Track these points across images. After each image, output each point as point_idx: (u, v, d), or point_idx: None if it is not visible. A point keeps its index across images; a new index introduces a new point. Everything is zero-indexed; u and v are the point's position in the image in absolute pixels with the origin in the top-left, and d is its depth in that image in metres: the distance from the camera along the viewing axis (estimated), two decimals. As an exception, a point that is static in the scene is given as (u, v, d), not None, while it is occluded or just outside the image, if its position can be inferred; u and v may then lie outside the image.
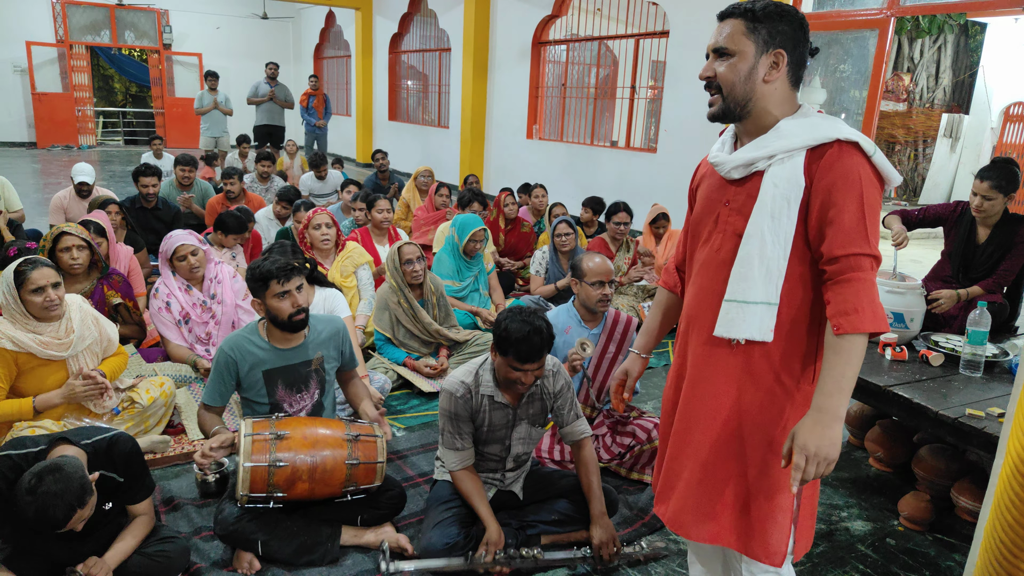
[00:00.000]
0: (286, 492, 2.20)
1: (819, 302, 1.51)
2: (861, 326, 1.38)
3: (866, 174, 1.43)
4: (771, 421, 1.54)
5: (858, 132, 1.45)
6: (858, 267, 1.41)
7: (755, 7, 1.48)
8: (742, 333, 1.50)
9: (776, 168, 1.47)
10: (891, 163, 1.47)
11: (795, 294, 1.49)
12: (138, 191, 5.29)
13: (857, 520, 2.76)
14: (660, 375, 4.18)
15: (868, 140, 1.44)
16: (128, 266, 3.95)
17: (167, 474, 2.80)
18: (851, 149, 1.43)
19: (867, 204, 1.42)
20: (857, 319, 1.39)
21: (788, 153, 1.46)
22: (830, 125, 1.45)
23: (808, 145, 1.45)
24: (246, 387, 2.47)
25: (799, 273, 1.49)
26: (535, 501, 2.50)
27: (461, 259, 4.44)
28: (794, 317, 1.50)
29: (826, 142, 1.44)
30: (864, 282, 1.40)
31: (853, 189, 1.41)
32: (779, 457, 1.54)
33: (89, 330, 2.75)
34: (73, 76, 15.00)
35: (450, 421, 2.33)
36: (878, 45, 5.43)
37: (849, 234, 1.41)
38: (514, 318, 2.22)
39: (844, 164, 1.42)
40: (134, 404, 2.84)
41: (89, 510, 1.85)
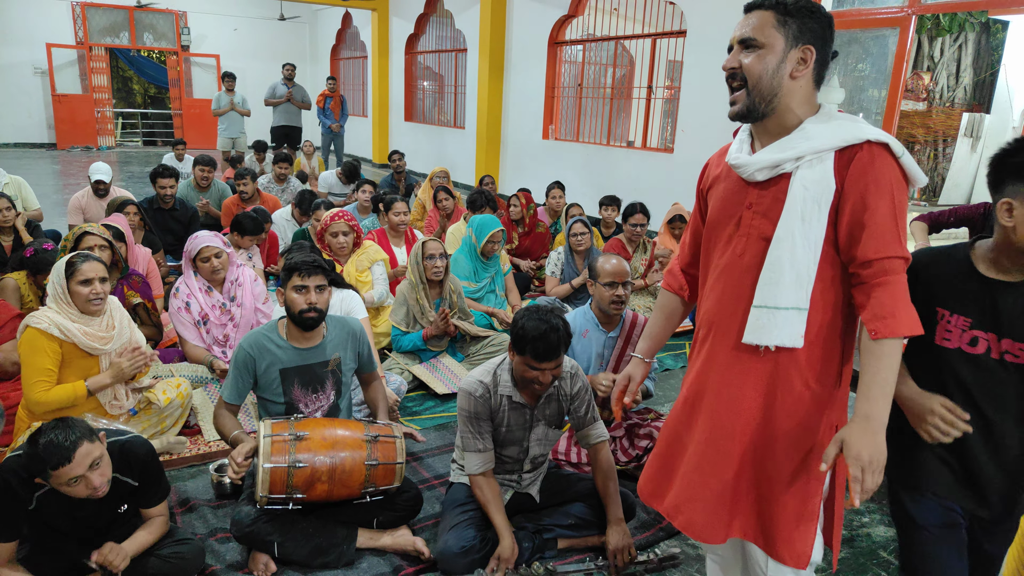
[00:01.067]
0: (305, 493, 2.20)
1: (848, 306, 1.49)
2: (899, 330, 1.37)
3: (896, 176, 1.41)
4: (805, 428, 1.52)
5: (886, 133, 1.42)
6: (892, 270, 1.39)
7: (788, 0, 1.44)
8: (773, 340, 1.46)
9: (805, 170, 1.43)
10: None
11: (825, 298, 1.47)
12: (156, 192, 5.32)
13: (879, 526, 2.72)
14: (677, 377, 4.15)
15: (896, 141, 1.42)
16: (147, 268, 3.98)
17: (183, 475, 2.81)
18: (882, 151, 1.41)
19: (898, 206, 1.40)
20: (895, 323, 1.37)
21: (817, 155, 1.43)
22: (856, 126, 1.42)
23: (837, 146, 1.42)
24: (262, 386, 2.47)
25: (829, 277, 1.46)
26: (552, 504, 2.48)
27: (478, 260, 4.43)
28: (824, 321, 1.48)
29: (855, 143, 1.41)
30: (898, 285, 1.39)
31: (885, 191, 1.39)
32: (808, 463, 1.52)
33: (125, 329, 2.79)
34: (92, 78, 15.16)
35: (469, 421, 2.32)
36: (899, 43, 5.36)
37: (883, 237, 1.39)
38: (531, 317, 2.21)
39: (876, 167, 1.40)
40: (151, 405, 2.86)
41: (100, 455, 1.88)
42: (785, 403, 1.52)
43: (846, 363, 1.53)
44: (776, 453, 1.54)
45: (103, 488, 1.88)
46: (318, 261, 2.47)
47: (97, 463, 1.87)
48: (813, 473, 1.52)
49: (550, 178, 7.90)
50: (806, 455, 1.52)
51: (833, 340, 1.50)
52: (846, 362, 1.53)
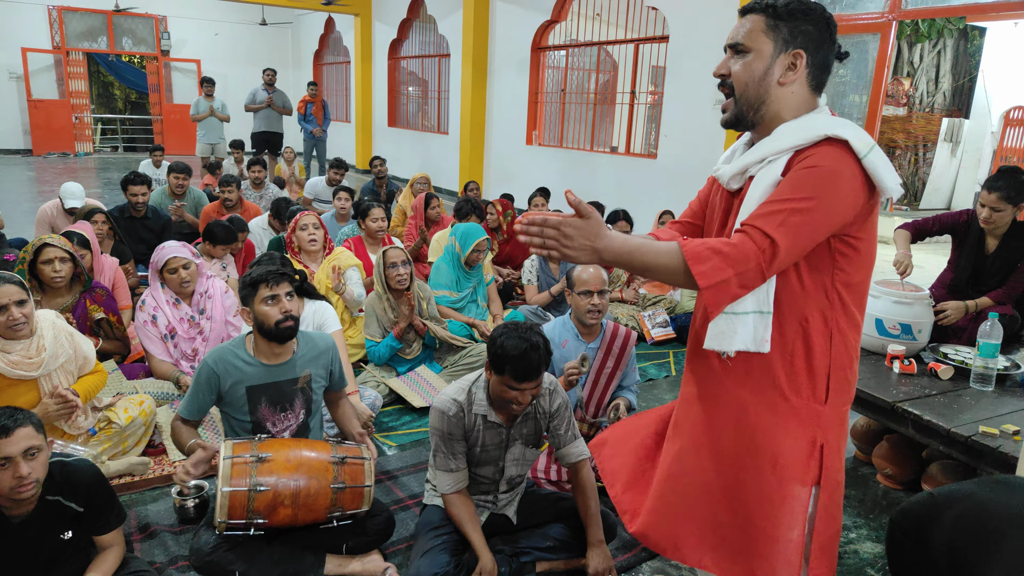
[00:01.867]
0: (267, 518, 2.10)
1: (830, 313, 1.39)
2: (692, 251, 1.25)
3: (835, 170, 1.28)
4: (776, 443, 1.43)
5: (859, 132, 1.31)
6: (745, 234, 1.27)
7: (778, 3, 1.36)
8: (733, 345, 1.39)
9: (763, 172, 1.37)
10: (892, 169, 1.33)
11: (799, 303, 1.38)
12: (127, 200, 5.18)
13: (867, 542, 2.65)
14: (660, 387, 4.08)
15: (864, 142, 1.30)
16: (113, 279, 3.85)
17: (144, 498, 2.68)
18: (836, 146, 1.30)
19: (808, 193, 1.27)
20: (696, 246, 1.26)
21: (777, 155, 1.35)
22: (826, 123, 1.33)
23: (797, 145, 1.33)
24: (227, 403, 2.37)
25: (803, 282, 1.37)
26: (530, 525, 2.39)
27: (461, 269, 4.34)
28: (801, 328, 1.39)
29: (816, 141, 1.32)
30: (737, 246, 1.26)
31: (805, 174, 1.29)
32: (785, 483, 1.43)
33: (63, 347, 2.61)
34: (70, 83, 14.93)
35: (442, 441, 2.22)
36: (880, 49, 5.35)
37: (765, 206, 1.29)
38: (510, 334, 2.12)
39: (816, 158, 1.30)
40: (111, 424, 2.73)
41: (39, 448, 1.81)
42: (757, 416, 1.44)
43: (835, 377, 1.42)
44: (750, 475, 1.46)
45: (28, 487, 1.78)
46: (282, 268, 2.37)
47: (33, 453, 1.79)
48: (792, 496, 1.43)
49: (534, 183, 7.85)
50: (781, 476, 1.43)
51: (816, 346, 1.40)
52: (836, 376, 1.42)
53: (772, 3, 1.37)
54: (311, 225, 4.16)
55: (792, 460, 1.43)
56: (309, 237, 4.12)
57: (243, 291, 2.36)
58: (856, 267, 1.38)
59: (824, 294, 1.38)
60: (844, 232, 1.34)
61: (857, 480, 3.11)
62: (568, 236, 1.23)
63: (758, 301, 1.36)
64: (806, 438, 1.42)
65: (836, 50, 1.41)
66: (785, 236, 1.25)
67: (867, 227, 1.36)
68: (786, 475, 1.43)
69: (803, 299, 1.38)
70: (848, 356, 1.42)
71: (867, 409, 2.73)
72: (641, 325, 4.78)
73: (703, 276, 1.24)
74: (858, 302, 1.42)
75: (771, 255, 1.26)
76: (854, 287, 1.39)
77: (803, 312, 1.39)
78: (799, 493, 1.43)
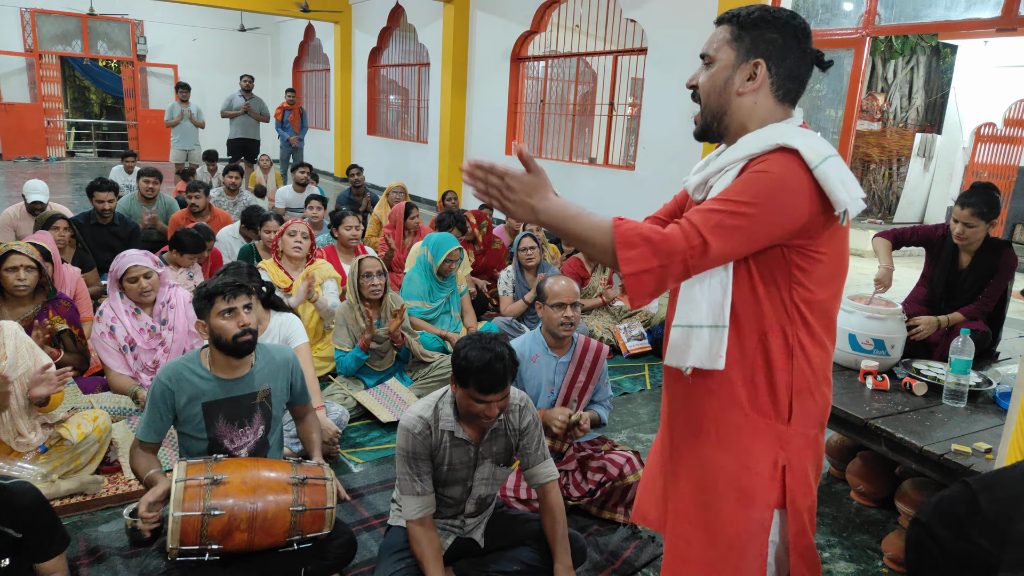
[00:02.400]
0: (222, 543, 2.01)
1: (790, 330, 1.34)
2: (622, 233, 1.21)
3: (781, 178, 1.23)
4: (736, 461, 1.39)
5: (815, 143, 1.26)
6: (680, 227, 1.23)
7: (742, 12, 1.34)
8: (689, 360, 1.35)
9: (719, 182, 1.33)
10: (860, 182, 1.28)
11: (754, 316, 1.34)
12: (93, 206, 5.05)
13: (840, 561, 2.61)
14: (635, 401, 4.03)
15: (817, 152, 1.24)
16: (74, 289, 3.74)
17: (96, 519, 2.57)
18: (786, 155, 1.25)
19: (748, 199, 1.22)
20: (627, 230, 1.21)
21: (733, 164, 1.32)
22: (783, 133, 1.28)
23: (751, 154, 1.30)
24: (183, 420, 2.28)
25: (760, 296, 1.33)
26: (497, 548, 2.32)
27: (434, 279, 4.27)
28: (757, 343, 1.34)
29: (769, 150, 1.28)
30: (668, 238, 1.20)
31: (747, 179, 1.25)
32: (747, 507, 1.38)
33: (23, 359, 2.53)
34: (42, 86, 14.68)
35: (407, 462, 2.15)
36: (854, 64, 5.39)
37: (704, 206, 1.25)
38: (473, 345, 2.06)
39: (764, 164, 1.26)
40: (62, 441, 2.62)
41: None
42: (719, 436, 1.40)
43: (799, 396, 1.36)
44: (714, 500, 1.41)
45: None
46: (239, 280, 2.29)
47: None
48: (756, 520, 1.38)
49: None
50: (745, 497, 1.38)
51: (776, 363, 1.34)
52: (799, 395, 1.36)
53: (738, 13, 1.35)
54: (300, 233, 4.11)
55: (754, 482, 1.38)
56: (294, 244, 4.07)
57: (198, 303, 2.27)
58: (817, 283, 1.32)
59: (783, 309, 1.33)
60: (799, 244, 1.29)
61: (831, 497, 3.08)
62: (511, 188, 1.24)
63: (713, 314, 1.32)
64: (768, 458, 1.37)
65: (815, 58, 1.37)
66: (718, 238, 1.21)
67: (830, 242, 1.31)
68: (749, 498, 1.38)
69: (761, 313, 1.33)
70: (813, 376, 1.37)
71: (840, 426, 2.70)
72: (617, 338, 4.74)
73: (627, 262, 1.20)
74: (823, 321, 1.36)
75: (699, 253, 1.21)
76: (817, 305, 1.33)
77: (762, 326, 1.34)
78: (762, 516, 1.38)
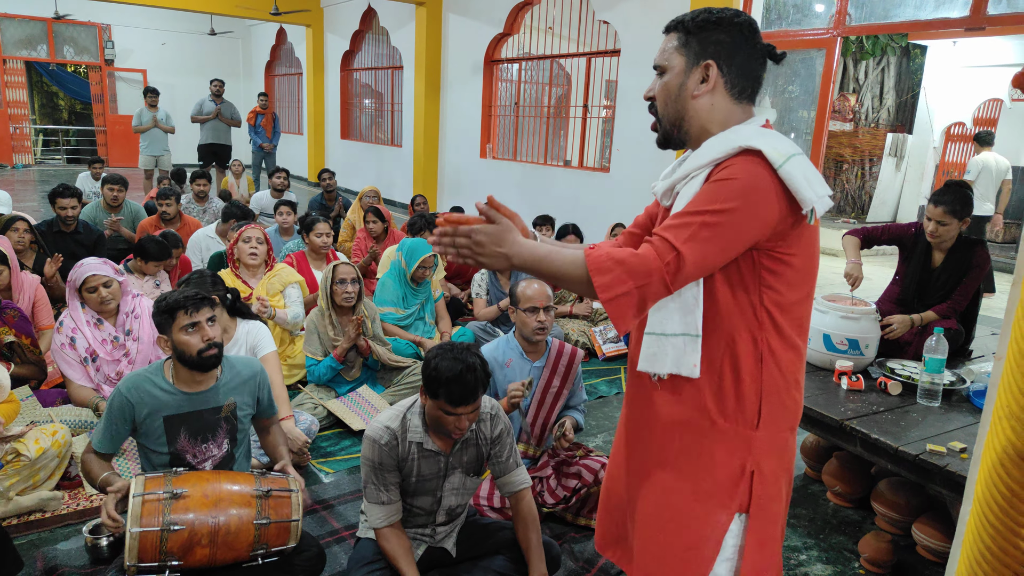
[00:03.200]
0: (182, 559, 1.93)
1: (759, 334, 1.32)
2: (594, 261, 1.20)
3: (748, 182, 1.22)
4: (696, 466, 1.38)
5: (778, 143, 1.25)
6: (651, 244, 1.22)
7: (687, 18, 1.34)
8: (662, 368, 1.34)
9: (686, 188, 1.32)
10: (833, 182, 1.27)
11: (730, 324, 1.32)
12: (55, 213, 4.91)
13: (817, 563, 2.59)
14: (612, 404, 4.00)
15: (780, 152, 1.23)
16: (34, 297, 3.62)
17: (55, 536, 2.47)
18: (751, 157, 1.24)
19: (718, 207, 1.21)
20: (599, 257, 1.20)
21: (699, 170, 1.30)
22: (745, 135, 1.27)
23: (716, 159, 1.28)
24: (143, 433, 2.20)
25: (728, 302, 1.31)
26: (470, 557, 2.26)
27: (407, 286, 4.20)
28: (731, 349, 1.33)
29: (733, 153, 1.26)
30: (641, 258, 1.19)
31: (716, 187, 1.24)
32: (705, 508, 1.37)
33: None
34: (7, 92, 14.37)
35: (373, 472, 2.09)
36: (825, 65, 5.42)
37: (673, 218, 1.24)
38: (444, 356, 2.00)
39: (729, 170, 1.24)
40: (19, 457, 2.51)
41: None
42: (682, 441, 1.39)
43: (768, 401, 1.34)
44: (673, 501, 1.40)
45: None
46: (200, 293, 2.21)
47: None
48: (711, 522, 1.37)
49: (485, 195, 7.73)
50: (702, 500, 1.37)
51: (744, 368, 1.33)
52: (769, 400, 1.34)
53: (683, 19, 1.35)
54: (254, 239, 3.98)
55: (715, 485, 1.36)
56: (250, 251, 3.95)
57: (158, 317, 2.19)
58: (788, 285, 1.30)
59: (752, 313, 1.31)
60: (768, 247, 1.27)
61: (807, 498, 3.07)
62: (479, 243, 1.23)
63: (686, 324, 1.31)
64: (734, 463, 1.35)
65: (767, 52, 1.35)
66: (692, 250, 1.20)
67: (799, 242, 1.29)
68: (707, 499, 1.37)
69: (728, 318, 1.31)
70: (783, 380, 1.34)
71: (815, 427, 2.69)
72: (592, 341, 4.71)
73: (603, 288, 1.19)
74: (794, 324, 1.33)
75: (675, 268, 1.20)
76: (787, 307, 1.31)
77: (730, 332, 1.32)
78: (720, 519, 1.36)
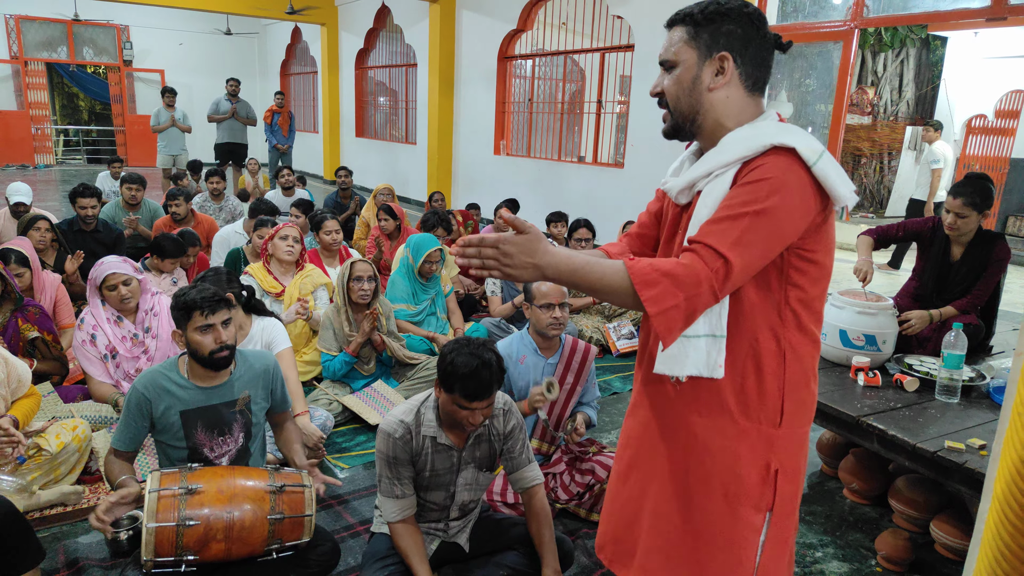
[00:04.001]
0: (198, 554, 1.95)
1: (782, 332, 1.32)
2: (640, 273, 1.17)
3: (783, 180, 1.21)
4: (731, 470, 1.36)
5: (807, 139, 1.24)
6: (695, 253, 1.20)
7: (695, 10, 1.32)
8: (684, 370, 1.30)
9: (710, 186, 1.29)
10: (851, 176, 1.25)
11: (746, 324, 1.31)
12: (76, 213, 4.99)
13: (833, 560, 2.57)
14: (625, 400, 3.98)
15: (813, 149, 1.22)
16: (55, 295, 3.68)
17: (76, 529, 2.52)
18: (784, 155, 1.22)
19: (759, 207, 1.19)
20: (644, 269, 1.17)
21: (724, 168, 1.28)
22: (775, 132, 1.25)
23: (744, 157, 1.26)
24: (161, 429, 2.23)
25: (752, 301, 1.30)
26: (483, 553, 2.27)
27: (416, 281, 4.22)
28: (753, 348, 1.32)
29: (763, 151, 1.24)
30: (688, 268, 1.17)
31: (754, 187, 1.21)
32: (735, 509, 1.36)
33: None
34: (29, 93, 14.58)
35: (387, 466, 2.10)
36: (842, 57, 5.36)
37: (714, 223, 1.21)
38: (460, 351, 2.01)
39: (764, 168, 1.22)
40: (41, 452, 2.56)
41: None
42: (706, 440, 1.37)
43: (790, 398, 1.34)
44: (700, 500, 1.38)
45: None
46: (219, 294, 2.24)
47: None
48: (744, 522, 1.36)
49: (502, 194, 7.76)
50: (733, 501, 1.36)
51: (767, 368, 1.32)
52: (790, 397, 1.34)
53: (690, 12, 1.33)
54: (291, 237, 4.06)
55: (744, 486, 1.35)
56: (286, 248, 4.02)
57: (176, 312, 2.23)
58: (812, 282, 1.30)
59: (776, 313, 1.30)
60: (797, 245, 1.26)
61: (823, 495, 3.04)
62: (507, 254, 1.17)
63: (711, 324, 1.28)
64: (759, 463, 1.35)
65: (774, 41, 1.34)
66: (739, 255, 1.18)
67: (822, 239, 1.28)
68: (738, 502, 1.36)
69: (752, 319, 1.30)
70: (804, 375, 1.34)
71: (832, 423, 2.67)
72: (606, 337, 4.70)
73: (652, 302, 1.16)
74: (815, 318, 1.34)
75: (724, 276, 1.18)
76: (810, 303, 1.31)
77: (753, 332, 1.31)
78: (752, 519, 1.36)
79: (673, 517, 1.43)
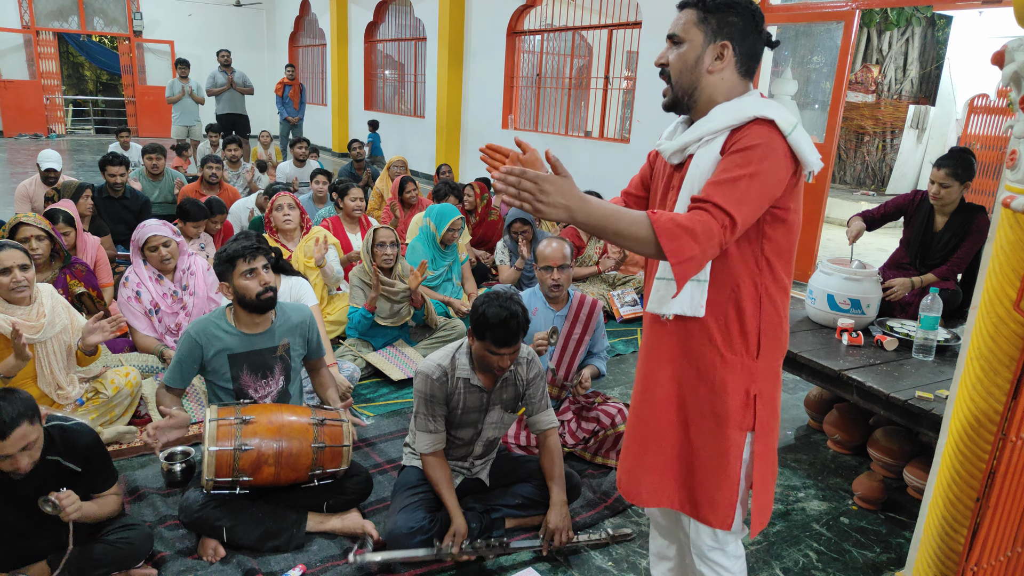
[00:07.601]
0: (252, 477, 2.23)
1: (759, 280, 1.55)
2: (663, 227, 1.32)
3: (769, 146, 1.42)
4: (718, 395, 1.60)
5: (784, 112, 1.46)
6: (706, 211, 1.38)
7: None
8: (671, 309, 1.55)
9: (701, 150, 1.52)
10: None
11: (729, 271, 1.53)
12: (105, 180, 5.22)
13: (813, 500, 2.85)
14: (628, 361, 4.25)
15: (789, 121, 1.44)
16: (95, 256, 3.92)
17: (132, 464, 2.80)
18: (765, 125, 1.44)
19: (752, 170, 1.40)
20: (667, 223, 1.32)
21: (713, 134, 1.50)
22: (755, 105, 1.47)
23: (731, 125, 1.48)
24: (211, 371, 2.49)
25: (733, 252, 1.52)
26: (500, 485, 2.55)
27: (436, 248, 4.46)
28: (733, 291, 1.55)
29: (747, 121, 1.46)
30: (704, 224, 1.34)
31: (745, 153, 1.42)
32: (723, 428, 1.60)
33: (60, 317, 2.75)
34: (40, 63, 14.69)
35: (425, 403, 2.37)
36: (844, 37, 5.52)
37: (717, 185, 1.40)
38: (491, 303, 2.27)
39: (751, 136, 1.43)
40: (98, 394, 2.84)
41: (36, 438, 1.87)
42: (694, 369, 1.61)
43: (766, 335, 1.58)
44: (688, 416, 1.63)
45: (25, 469, 1.88)
46: (256, 243, 2.49)
47: (30, 446, 1.87)
48: (731, 439, 1.60)
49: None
50: (721, 421, 1.60)
51: (746, 309, 1.55)
52: (766, 335, 1.58)
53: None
54: (286, 205, 4.27)
55: (730, 409, 1.60)
56: (284, 217, 4.24)
57: (220, 267, 2.47)
58: (783, 234, 1.54)
59: (754, 262, 1.54)
60: (773, 204, 1.49)
61: (809, 446, 3.31)
62: (544, 191, 1.27)
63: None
64: (741, 390, 1.59)
65: (765, 39, 1.56)
66: (741, 212, 1.39)
67: (794, 197, 1.53)
68: (726, 423, 1.60)
69: (733, 268, 1.54)
70: (777, 316, 1.59)
71: (816, 378, 2.92)
72: (611, 304, 4.95)
73: (674, 253, 1.34)
74: (786, 267, 1.58)
75: (730, 230, 1.39)
76: (782, 253, 1.55)
77: (735, 280, 1.55)
78: (737, 438, 1.60)
79: (672, 438, 1.67)
